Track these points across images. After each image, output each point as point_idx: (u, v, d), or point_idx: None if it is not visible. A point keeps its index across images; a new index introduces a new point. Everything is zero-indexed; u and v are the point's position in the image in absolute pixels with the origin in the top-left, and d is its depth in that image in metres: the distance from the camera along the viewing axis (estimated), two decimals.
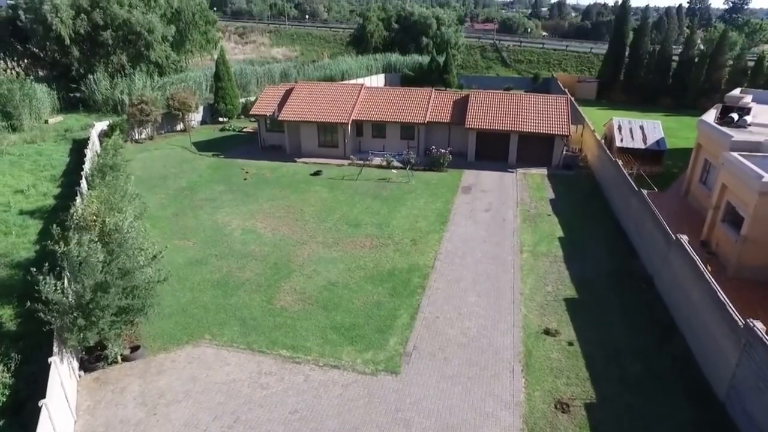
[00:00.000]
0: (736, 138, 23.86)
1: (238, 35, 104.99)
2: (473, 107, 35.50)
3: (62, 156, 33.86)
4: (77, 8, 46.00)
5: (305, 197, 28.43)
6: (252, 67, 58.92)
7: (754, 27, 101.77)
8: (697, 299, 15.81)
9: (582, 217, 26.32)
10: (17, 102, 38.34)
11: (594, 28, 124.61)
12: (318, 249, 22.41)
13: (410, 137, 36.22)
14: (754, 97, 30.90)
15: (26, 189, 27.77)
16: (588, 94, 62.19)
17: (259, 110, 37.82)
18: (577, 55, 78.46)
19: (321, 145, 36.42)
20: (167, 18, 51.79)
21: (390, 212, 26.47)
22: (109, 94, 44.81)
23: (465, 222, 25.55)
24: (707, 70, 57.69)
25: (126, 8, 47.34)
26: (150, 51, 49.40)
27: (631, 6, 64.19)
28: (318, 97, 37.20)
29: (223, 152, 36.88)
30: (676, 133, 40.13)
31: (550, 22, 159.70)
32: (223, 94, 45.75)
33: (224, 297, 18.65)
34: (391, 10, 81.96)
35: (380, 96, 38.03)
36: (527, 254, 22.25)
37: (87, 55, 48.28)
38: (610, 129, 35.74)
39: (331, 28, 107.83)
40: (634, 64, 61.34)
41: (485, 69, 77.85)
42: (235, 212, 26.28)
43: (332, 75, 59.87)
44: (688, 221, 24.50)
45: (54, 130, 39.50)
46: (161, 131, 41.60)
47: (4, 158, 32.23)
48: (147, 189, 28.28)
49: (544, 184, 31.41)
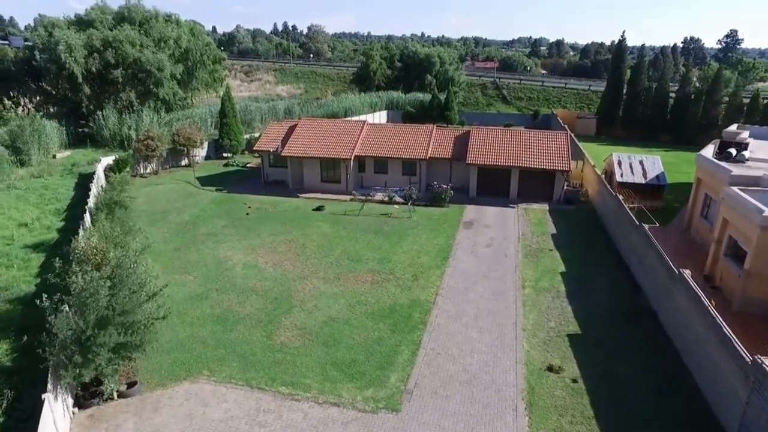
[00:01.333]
0: (735, 172, 24.03)
1: (243, 73, 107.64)
2: (474, 143, 35.95)
3: (67, 190, 34.24)
4: (90, 48, 47.52)
5: (307, 232, 28.49)
6: (257, 104, 60.16)
7: (747, 66, 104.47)
8: (703, 335, 15.58)
9: (584, 252, 26.23)
10: (27, 138, 39.21)
11: (592, 66, 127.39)
12: (319, 284, 22.31)
13: (412, 173, 36.55)
14: (750, 133, 31.30)
15: (30, 222, 27.98)
16: (587, 130, 63.05)
17: (263, 146, 38.38)
18: (576, 93, 79.93)
19: (323, 180, 36.75)
20: (175, 57, 53.29)
21: (392, 247, 26.44)
22: (117, 130, 45.71)
23: (467, 257, 25.48)
24: (704, 106, 58.70)
25: (137, 48, 48.84)
26: (159, 88, 50.67)
27: (627, 45, 65.79)
28: (321, 133, 37.79)
29: (226, 187, 37.23)
30: (675, 168, 40.41)
31: (549, 61, 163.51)
32: (228, 130, 46.56)
33: (224, 332, 18.47)
34: (394, 50, 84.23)
35: (382, 132, 38.60)
36: (529, 289, 22.09)
37: (97, 93, 49.55)
38: (610, 164, 36.04)
39: (335, 67, 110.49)
40: (633, 100, 62.46)
41: (486, 106, 79.22)
42: (237, 247, 26.31)
43: (335, 112, 60.98)
44: (690, 255, 24.40)
45: (61, 164, 40.14)
46: (166, 166, 42.18)
47: (10, 192, 32.61)
48: (150, 223, 28.43)
49: (546, 218, 31.46)
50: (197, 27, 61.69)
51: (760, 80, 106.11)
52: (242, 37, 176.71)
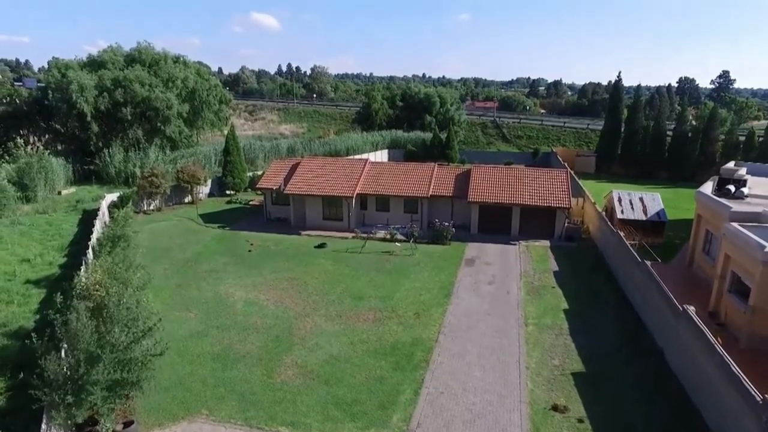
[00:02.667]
0: (735, 209, 24.14)
1: (248, 112, 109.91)
2: (475, 181, 36.30)
3: (71, 226, 34.43)
4: (101, 88, 48.80)
5: (309, 270, 28.44)
6: (260, 143, 61.07)
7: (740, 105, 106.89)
8: (711, 373, 15.32)
9: (587, 289, 26.09)
10: (34, 174, 39.75)
11: (590, 105, 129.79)
12: (321, 322, 22.13)
13: (414, 211, 36.75)
14: (748, 170, 31.58)
15: (33, 258, 28.01)
16: (587, 167, 63.71)
17: (266, 183, 38.80)
18: (575, 131, 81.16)
19: (326, 218, 36.96)
20: (182, 97, 54.58)
21: (393, 285, 26.33)
22: (122, 167, 46.31)
23: (469, 295, 25.33)
24: (701, 144, 59.60)
25: (147, 87, 50.14)
26: (166, 126, 51.66)
27: (623, 85, 67.30)
28: (323, 171, 38.25)
29: (228, 224, 37.42)
30: (674, 205, 40.56)
31: (547, 100, 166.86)
32: (232, 168, 47.16)
33: (224, 370, 18.21)
34: (395, 90, 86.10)
35: (384, 170, 39.06)
36: (532, 327, 21.87)
37: (105, 130, 50.53)
38: (610, 201, 36.26)
39: (338, 107, 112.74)
40: (630, 138, 63.43)
41: (486, 145, 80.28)
42: (238, 284, 26.24)
43: (338, 150, 61.82)
44: (694, 292, 24.24)
45: (66, 201, 40.52)
46: (169, 203, 42.53)
47: (15, 228, 32.78)
48: (152, 259, 28.45)
49: (547, 255, 31.43)
50: (204, 68, 63.42)
51: (754, 119, 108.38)
52: (247, 78, 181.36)
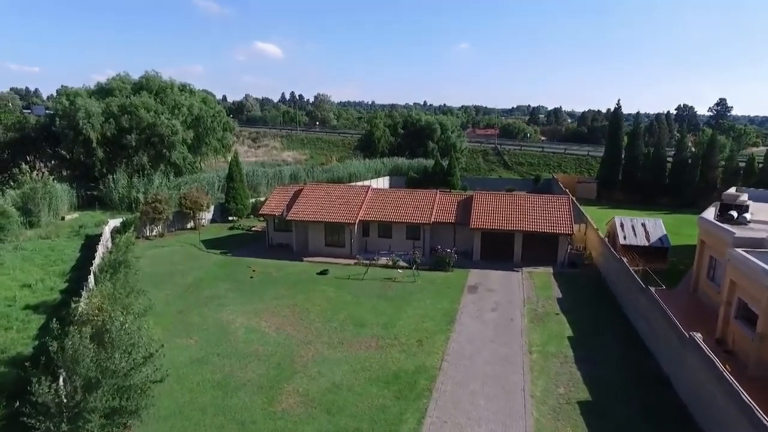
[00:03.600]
0: (739, 234, 24.04)
1: (251, 139, 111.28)
2: (477, 208, 36.35)
3: (73, 251, 34.42)
4: (107, 114, 49.51)
5: (311, 296, 28.28)
6: (263, 169, 61.52)
7: (739, 132, 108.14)
8: (720, 401, 15.04)
9: (591, 316, 25.84)
10: (38, 200, 39.95)
11: (590, 132, 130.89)
12: (323, 349, 21.89)
13: (416, 237, 36.70)
14: (749, 196, 31.61)
15: (34, 283, 27.91)
16: (588, 193, 63.87)
17: (268, 210, 38.91)
18: (576, 158, 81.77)
19: (328, 244, 36.90)
20: (187, 124, 55.28)
21: (396, 312, 26.13)
22: (126, 193, 46.57)
23: (472, 322, 25.10)
24: (701, 170, 59.93)
25: (152, 113, 50.85)
26: (171, 152, 52.14)
27: (623, 112, 68.07)
28: (326, 197, 38.39)
29: (230, 250, 37.38)
30: (677, 230, 40.47)
31: (548, 128, 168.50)
32: (234, 194, 47.39)
33: (224, 398, 17.94)
34: (397, 117, 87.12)
35: (386, 197, 39.19)
36: (537, 354, 21.58)
37: (110, 156, 51.01)
38: (612, 227, 36.24)
39: (340, 134, 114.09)
40: (631, 165, 63.82)
41: (488, 171, 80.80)
42: (239, 310, 26.07)
43: (340, 177, 62.13)
44: (700, 318, 23.97)
45: (69, 226, 40.61)
46: (172, 229, 42.60)
47: (17, 253, 32.79)
48: (153, 285, 28.33)
49: (550, 282, 31.25)
50: (209, 96, 64.44)
51: (753, 145, 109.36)
52: (251, 106, 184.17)
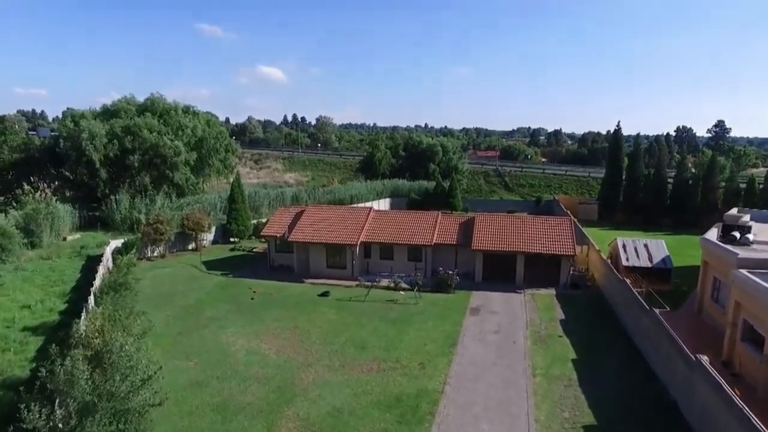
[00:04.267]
0: (742, 255, 23.94)
1: (253, 161, 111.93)
2: (479, 229, 36.29)
3: (74, 272, 34.33)
4: (111, 135, 49.98)
5: (312, 318, 28.07)
6: (265, 191, 61.75)
7: (738, 153, 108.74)
8: (731, 427, 14.74)
9: (594, 338, 25.57)
10: (41, 221, 40.00)
11: (590, 154, 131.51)
12: (323, 372, 21.63)
13: (418, 259, 36.57)
14: (751, 216, 31.60)
15: (33, 304, 27.76)
16: (590, 215, 63.82)
17: (270, 231, 38.92)
18: (577, 179, 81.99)
19: (329, 266, 36.78)
20: (191, 145, 55.72)
21: (398, 334, 25.90)
22: (128, 214, 46.67)
23: (474, 344, 24.84)
24: (702, 191, 60.03)
25: (155, 134, 51.31)
26: (174, 172, 52.43)
27: (622, 134, 68.50)
28: (327, 219, 38.41)
29: (231, 271, 37.28)
30: (680, 251, 40.27)
31: (548, 149, 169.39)
32: (236, 215, 47.47)
33: (223, 422, 17.66)
34: (398, 139, 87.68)
35: (388, 219, 39.20)
36: (540, 378, 21.29)
37: (113, 177, 51.30)
38: (614, 248, 36.12)
39: (342, 156, 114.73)
40: (632, 186, 63.92)
41: (489, 193, 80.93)
42: (240, 332, 25.86)
43: (342, 199, 62.27)
44: (706, 340, 23.74)
45: (70, 246, 40.60)
46: (173, 250, 42.57)
47: (17, 274, 32.71)
48: (154, 306, 28.20)
49: (553, 304, 31.02)
50: (212, 118, 65.10)
51: (753, 166, 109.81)
52: (254, 128, 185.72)
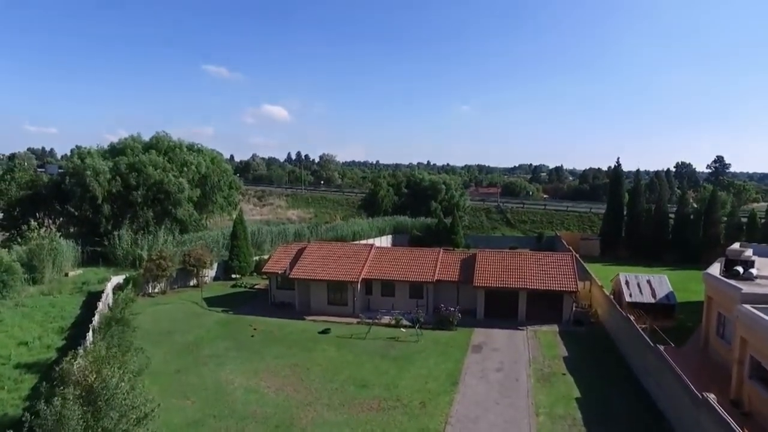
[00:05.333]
0: (746, 290, 23.69)
1: (257, 198, 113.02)
2: (481, 266, 36.18)
3: (74, 308, 34.25)
4: (115, 171, 50.77)
5: (312, 356, 27.74)
6: (268, 227, 62.04)
7: (738, 188, 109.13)
8: None
9: (599, 376, 25.10)
10: (44, 256, 40.21)
11: (592, 189, 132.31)
12: (323, 411, 21.24)
13: (419, 296, 36.37)
14: (754, 251, 31.50)
15: (31, 341, 27.62)
16: (592, 250, 63.61)
17: (271, 268, 38.93)
18: (578, 215, 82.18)
19: (330, 303, 36.59)
20: (195, 182, 56.41)
21: (399, 372, 25.52)
22: (130, 250, 46.84)
23: (476, 382, 24.42)
24: (704, 226, 59.99)
25: (160, 170, 52.03)
26: (176, 209, 52.87)
27: (623, 170, 69.07)
28: (329, 255, 38.45)
29: (232, 308, 37.08)
30: (683, 287, 39.92)
31: (549, 186, 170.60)
32: (238, 252, 47.55)
33: None
34: (401, 177, 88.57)
35: (389, 255, 39.23)
36: (544, 417, 20.82)
37: (116, 213, 51.76)
38: (617, 284, 35.89)
39: (344, 193, 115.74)
40: (634, 221, 63.96)
41: (491, 229, 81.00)
42: (239, 370, 25.54)
43: (344, 235, 62.34)
44: (713, 377, 23.25)
45: (72, 282, 40.66)
46: (174, 286, 42.48)
47: (17, 310, 32.64)
48: (152, 343, 27.97)
49: (556, 341, 30.61)
50: (217, 155, 66.19)
51: (753, 201, 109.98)
52: (258, 165, 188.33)
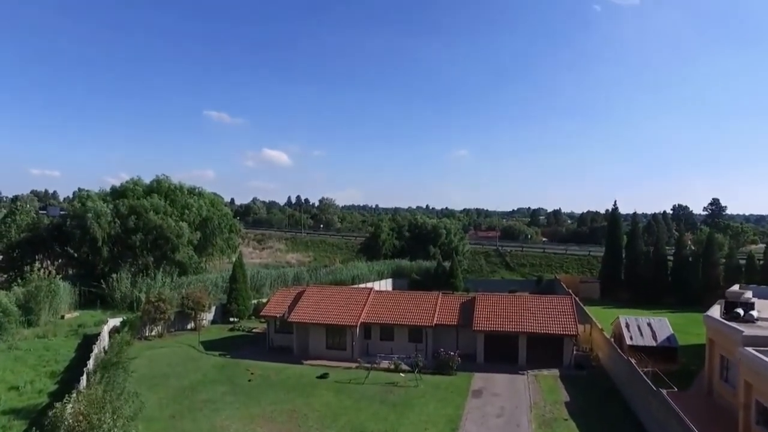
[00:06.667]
0: (747, 333, 23.67)
1: (256, 241, 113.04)
2: (480, 309, 36.02)
3: (69, 351, 33.79)
4: (115, 214, 51.18)
5: (310, 401, 27.22)
6: (267, 271, 61.96)
7: (736, 230, 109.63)
8: None
9: (601, 421, 24.61)
10: (41, 298, 39.91)
11: (590, 233, 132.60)
12: None
13: (418, 340, 36.03)
14: (754, 293, 31.55)
15: (22, 386, 27.08)
16: (592, 293, 63.34)
17: (270, 311, 38.76)
18: (577, 258, 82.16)
19: (329, 347, 36.21)
20: (195, 225, 56.75)
21: (398, 418, 25.00)
22: (128, 292, 46.59)
23: (477, 429, 23.93)
24: (703, 268, 59.99)
25: (161, 215, 52.44)
26: (176, 253, 52.94)
27: (620, 213, 69.73)
28: (328, 299, 38.31)
29: (230, 352, 36.61)
30: (684, 329, 39.54)
31: (548, 229, 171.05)
32: (237, 295, 47.36)
33: None
34: (401, 221, 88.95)
35: (389, 299, 39.14)
36: None
37: (116, 255, 51.79)
38: (617, 327, 35.64)
39: (344, 236, 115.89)
40: (632, 264, 64.08)
41: (490, 273, 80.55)
42: (235, 415, 25.02)
43: (343, 279, 62.09)
44: (718, 422, 22.92)
45: (68, 325, 40.22)
46: (171, 329, 42.05)
47: (10, 353, 32.16)
48: (148, 387, 27.49)
49: (557, 385, 30.12)
50: (217, 198, 66.90)
51: (751, 243, 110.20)
52: (258, 209, 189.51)
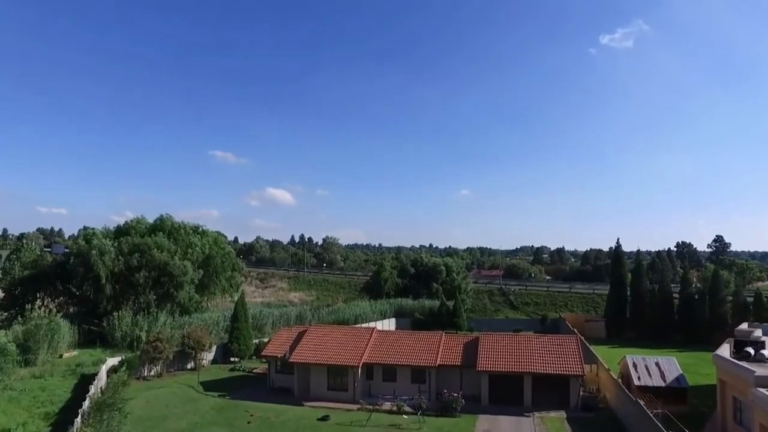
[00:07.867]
0: (759, 373, 23.20)
1: (259, 280, 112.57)
2: (484, 350, 35.54)
3: (65, 392, 33.12)
4: (119, 251, 51.28)
5: None
6: (269, 310, 61.52)
7: (741, 267, 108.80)
8: None
9: None
10: (40, 337, 39.31)
11: (594, 270, 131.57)
12: None
13: (421, 381, 35.41)
14: (763, 331, 31.10)
15: (14, 428, 26.33)
16: (598, 332, 62.33)
17: (271, 351, 38.34)
18: (581, 296, 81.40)
19: (330, 388, 35.63)
20: (197, 263, 56.73)
21: None
22: (129, 331, 46.11)
23: None
24: (709, 306, 59.20)
25: (165, 253, 52.51)
26: (178, 291, 52.72)
27: (623, 251, 69.43)
28: (330, 339, 37.93)
29: (229, 393, 35.94)
30: (694, 369, 38.68)
31: (551, 267, 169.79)
32: (238, 334, 46.85)
33: None
34: (404, 260, 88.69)
35: (391, 339, 38.77)
36: None
37: (118, 294, 51.56)
38: (624, 367, 34.92)
39: (347, 275, 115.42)
40: (638, 302, 63.41)
41: (494, 312, 79.74)
42: None
43: (346, 318, 61.57)
44: None
45: (66, 364, 39.46)
46: (171, 369, 41.42)
47: (4, 394, 31.50)
48: (144, 429, 26.93)
49: (564, 428, 29.33)
50: (220, 237, 67.08)
51: (758, 280, 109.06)
52: (261, 247, 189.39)
